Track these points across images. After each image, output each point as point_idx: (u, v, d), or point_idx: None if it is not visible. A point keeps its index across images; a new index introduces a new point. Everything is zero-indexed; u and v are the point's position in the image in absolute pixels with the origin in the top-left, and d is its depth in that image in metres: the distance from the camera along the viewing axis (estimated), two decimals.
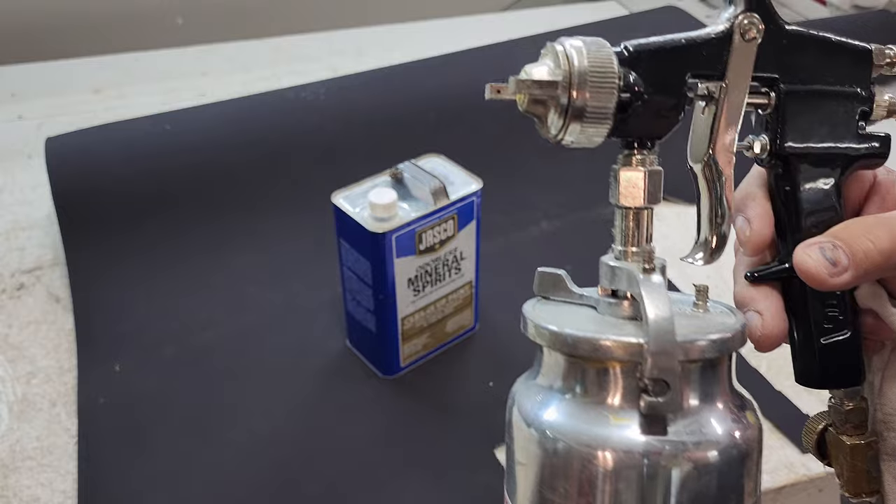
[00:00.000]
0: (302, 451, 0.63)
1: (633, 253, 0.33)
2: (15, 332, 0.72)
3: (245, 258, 0.80)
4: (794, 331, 0.36)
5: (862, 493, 0.36)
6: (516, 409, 0.33)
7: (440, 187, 0.62)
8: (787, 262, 0.34)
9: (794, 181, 0.34)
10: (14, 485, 0.59)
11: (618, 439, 0.29)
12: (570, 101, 0.30)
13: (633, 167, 0.32)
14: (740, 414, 0.32)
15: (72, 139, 0.85)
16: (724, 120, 0.33)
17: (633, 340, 0.30)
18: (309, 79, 0.93)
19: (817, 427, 0.37)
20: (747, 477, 0.31)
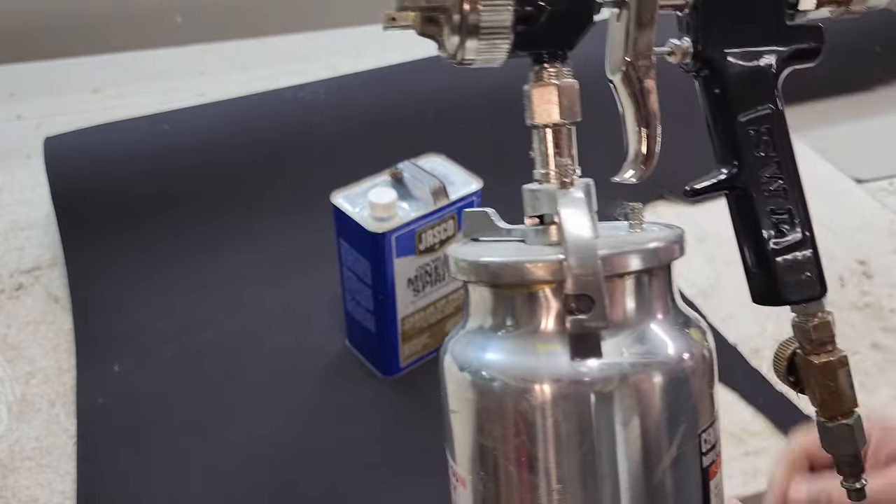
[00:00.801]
0: (302, 451, 0.63)
1: (549, 174, 0.31)
2: (14, 332, 0.72)
3: (244, 258, 0.79)
4: (745, 246, 0.33)
5: (838, 416, 0.34)
6: (448, 357, 0.30)
7: (440, 187, 0.62)
8: (728, 172, 0.33)
9: (722, 84, 0.32)
10: (13, 485, 0.59)
11: (547, 368, 0.28)
12: (463, 17, 0.28)
13: (545, 82, 0.30)
14: (683, 331, 0.30)
15: (70, 139, 0.84)
16: (637, 22, 0.30)
17: (552, 258, 0.28)
18: (308, 78, 0.93)
19: (786, 352, 0.35)
20: (697, 397, 0.29)
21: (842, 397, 0.34)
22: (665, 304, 0.30)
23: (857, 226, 0.86)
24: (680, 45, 0.32)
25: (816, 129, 1.02)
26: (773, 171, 0.33)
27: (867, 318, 0.74)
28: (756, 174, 0.32)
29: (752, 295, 0.34)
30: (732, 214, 0.33)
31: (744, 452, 0.62)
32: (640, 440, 0.28)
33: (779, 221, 0.33)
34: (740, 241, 0.34)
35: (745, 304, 0.75)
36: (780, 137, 0.33)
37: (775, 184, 0.33)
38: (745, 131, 0.32)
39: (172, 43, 1.17)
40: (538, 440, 0.28)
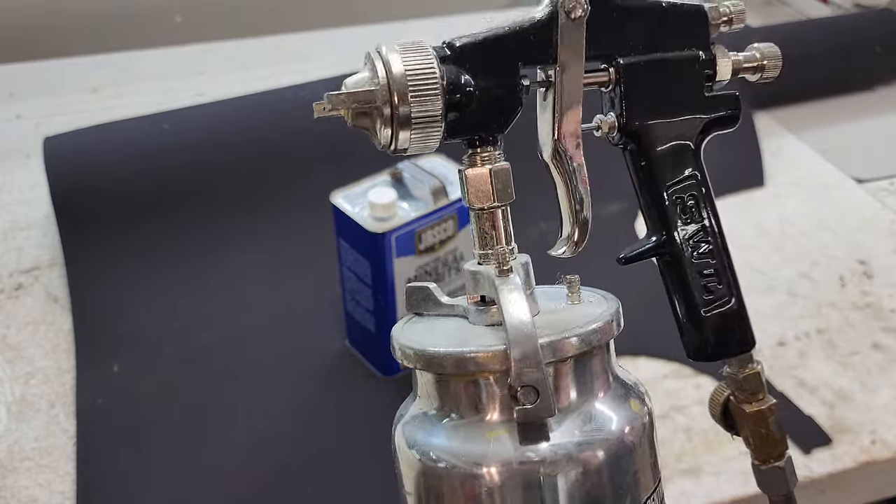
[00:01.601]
0: (302, 451, 0.63)
1: (491, 255, 0.31)
2: (13, 332, 0.72)
3: (244, 258, 0.79)
4: (678, 307, 0.35)
5: (770, 459, 0.36)
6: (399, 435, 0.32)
7: (440, 187, 0.62)
8: (657, 239, 0.34)
9: (648, 156, 0.33)
10: (12, 485, 0.59)
11: (497, 454, 0.28)
12: (393, 110, 0.29)
13: (479, 166, 0.31)
14: (625, 404, 0.31)
15: (70, 139, 0.84)
16: (564, 104, 0.31)
17: (497, 349, 0.28)
18: (308, 78, 0.93)
19: (720, 398, 0.37)
20: (640, 468, 0.30)
21: (773, 442, 0.36)
22: (607, 379, 0.31)
23: (858, 226, 0.86)
24: (606, 120, 0.33)
25: (816, 129, 1.02)
26: (700, 236, 0.34)
27: (868, 318, 0.74)
28: (684, 240, 0.34)
29: (687, 352, 0.35)
30: (664, 277, 0.35)
31: (744, 452, 0.62)
32: None
33: (707, 283, 0.34)
34: (672, 302, 0.35)
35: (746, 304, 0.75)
36: (705, 203, 0.34)
37: (702, 247, 0.34)
38: (672, 200, 0.33)
39: (172, 42, 1.17)
40: None
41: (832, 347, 0.71)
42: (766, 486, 0.37)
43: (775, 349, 0.71)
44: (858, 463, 0.61)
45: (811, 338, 0.72)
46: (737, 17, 0.34)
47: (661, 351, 0.68)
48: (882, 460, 0.62)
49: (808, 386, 0.67)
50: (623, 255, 0.34)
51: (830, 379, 0.68)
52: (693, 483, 0.59)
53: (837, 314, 0.75)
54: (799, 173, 0.94)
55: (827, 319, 0.74)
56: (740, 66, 0.34)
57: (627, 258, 0.34)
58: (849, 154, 0.98)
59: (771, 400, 0.36)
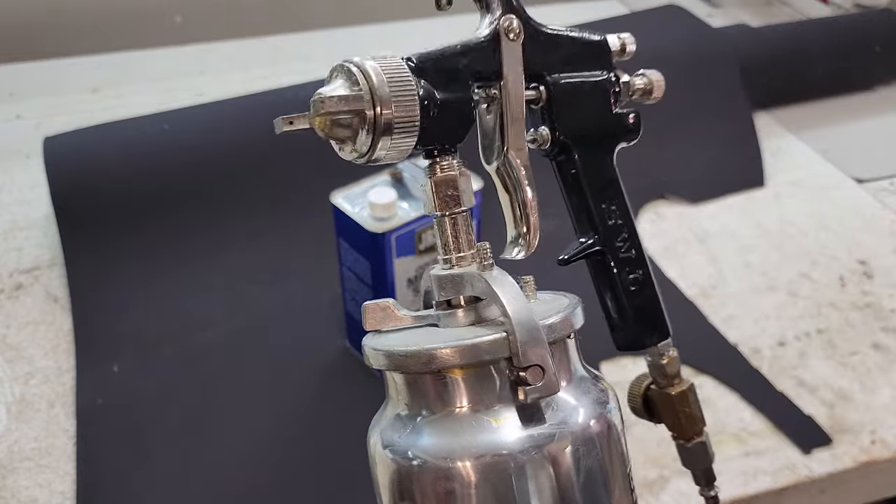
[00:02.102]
0: (302, 451, 0.63)
1: (464, 257, 0.33)
2: (13, 332, 0.72)
3: (244, 258, 0.79)
4: (608, 303, 0.38)
5: (693, 436, 0.40)
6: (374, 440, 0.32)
7: None
8: (588, 239, 0.37)
9: (575, 164, 0.37)
10: (12, 486, 0.59)
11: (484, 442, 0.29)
12: (377, 116, 0.30)
13: (443, 174, 0.33)
14: (595, 390, 0.32)
15: (70, 139, 0.84)
16: (510, 117, 0.34)
17: (497, 337, 0.29)
18: (308, 78, 0.93)
19: (639, 390, 0.40)
20: (613, 452, 0.31)
21: (695, 420, 0.40)
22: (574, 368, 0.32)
23: (858, 226, 0.86)
24: (541, 133, 0.36)
25: (816, 129, 1.02)
26: (623, 236, 0.38)
27: (868, 317, 0.74)
28: (611, 240, 0.37)
29: (618, 344, 0.39)
30: (593, 277, 0.38)
31: (744, 452, 0.62)
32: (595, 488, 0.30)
33: (632, 280, 0.38)
34: (602, 299, 0.39)
35: (745, 304, 0.76)
36: (623, 206, 0.38)
37: (625, 246, 0.38)
38: (599, 204, 0.37)
39: (172, 42, 1.17)
40: None
41: (832, 347, 0.71)
42: (691, 462, 0.41)
43: (775, 349, 0.71)
44: (858, 463, 0.61)
45: (811, 338, 0.72)
46: (628, 47, 0.38)
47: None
48: (882, 460, 0.62)
49: (808, 386, 0.67)
50: (562, 257, 0.37)
51: (830, 379, 0.68)
52: (693, 483, 0.59)
53: (837, 314, 0.75)
54: (799, 173, 0.95)
55: (827, 319, 0.74)
56: (636, 87, 0.38)
57: (566, 260, 0.37)
58: (849, 154, 0.98)
59: (688, 381, 0.40)
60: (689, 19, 1.10)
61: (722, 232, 0.85)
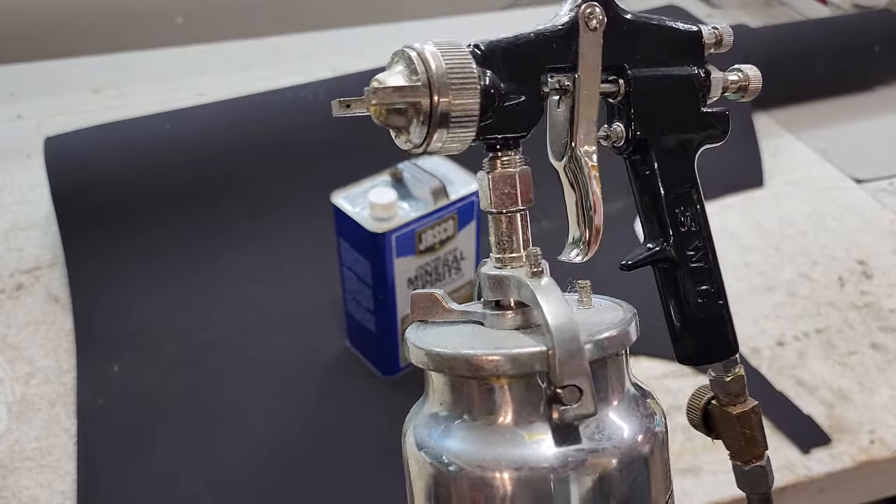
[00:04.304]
0: (302, 451, 0.63)
1: (516, 258, 0.31)
2: (14, 332, 0.72)
3: (245, 258, 0.80)
4: (673, 313, 0.36)
5: (752, 459, 0.37)
6: (410, 438, 0.31)
7: (440, 187, 0.62)
8: (656, 245, 0.35)
9: (651, 164, 0.35)
10: (13, 485, 0.59)
11: (525, 455, 0.28)
12: (434, 107, 0.29)
13: (502, 169, 0.31)
14: (644, 406, 0.31)
15: (71, 139, 0.84)
16: (582, 111, 0.32)
17: (536, 350, 0.28)
18: (308, 78, 0.93)
19: (700, 403, 0.38)
20: (654, 475, 0.30)
21: (755, 443, 0.37)
22: (624, 385, 0.31)
23: (857, 226, 0.86)
24: (615, 129, 0.34)
25: (816, 129, 1.02)
26: (696, 245, 0.35)
27: (867, 317, 0.74)
28: (682, 248, 0.35)
29: (679, 356, 0.36)
30: (659, 284, 0.36)
31: None
32: None
33: (701, 291, 0.35)
34: (666, 308, 0.36)
35: (745, 304, 0.76)
36: (701, 213, 0.35)
37: (697, 255, 0.35)
38: (671, 209, 0.35)
39: (173, 43, 1.18)
40: None
41: (831, 347, 0.71)
42: (747, 485, 0.38)
43: (774, 349, 0.71)
44: (857, 462, 0.61)
45: (810, 337, 0.72)
46: (725, 40, 0.35)
47: (661, 351, 0.68)
48: (881, 460, 0.62)
49: (807, 385, 0.68)
50: (625, 262, 0.35)
51: (829, 379, 0.68)
52: (693, 482, 0.60)
53: (836, 314, 0.75)
54: (798, 173, 0.95)
55: (826, 319, 0.74)
56: (728, 84, 0.36)
57: (630, 265, 0.35)
58: (848, 154, 0.98)
59: (753, 402, 0.37)
60: (688, 20, 1.10)
61: (721, 232, 0.85)
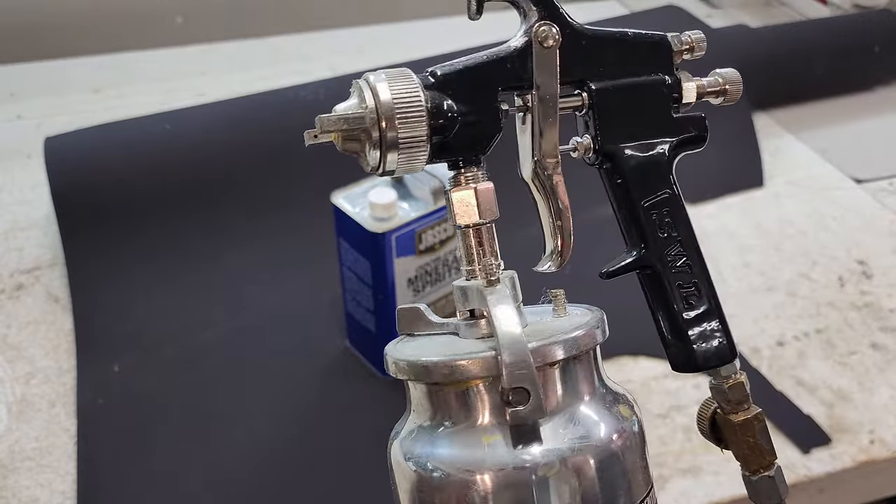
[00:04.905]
0: (302, 451, 0.63)
1: (479, 270, 0.33)
2: (14, 332, 0.72)
3: (245, 258, 0.79)
4: (661, 320, 0.36)
5: (760, 468, 0.37)
6: (396, 450, 0.32)
7: (440, 187, 0.62)
8: (637, 253, 0.35)
9: (623, 174, 0.35)
10: (13, 485, 0.59)
11: (492, 458, 0.29)
12: (382, 134, 0.30)
13: (463, 186, 0.32)
14: (613, 409, 0.32)
15: (71, 139, 0.84)
16: (541, 126, 0.33)
17: (486, 355, 0.29)
18: (308, 78, 0.93)
19: (707, 412, 0.37)
20: (632, 471, 0.31)
21: (761, 451, 0.36)
22: (593, 386, 0.32)
23: (857, 226, 0.86)
24: (581, 142, 0.34)
25: (816, 129, 1.02)
26: (677, 250, 0.35)
27: (867, 317, 0.74)
28: (662, 253, 0.35)
29: (671, 364, 0.36)
30: (645, 291, 0.36)
31: None
32: None
33: (687, 295, 0.35)
34: (655, 315, 0.36)
35: (745, 304, 0.76)
36: (680, 217, 0.35)
37: (680, 260, 0.35)
38: (648, 215, 0.35)
39: (173, 43, 1.18)
40: None
41: (831, 347, 0.71)
42: (757, 497, 0.38)
43: (774, 349, 0.71)
44: (857, 462, 0.61)
45: (810, 338, 0.72)
46: (697, 46, 0.35)
47: (661, 351, 0.67)
48: (881, 460, 0.62)
49: (807, 386, 0.68)
50: (605, 270, 0.35)
51: (829, 379, 0.68)
52: (692, 482, 0.60)
53: (836, 314, 0.75)
54: (798, 173, 0.95)
55: (826, 319, 0.74)
56: (704, 90, 0.36)
57: (609, 273, 0.35)
58: (848, 154, 0.98)
59: (756, 409, 0.36)
60: (688, 20, 1.10)
61: (721, 232, 0.85)
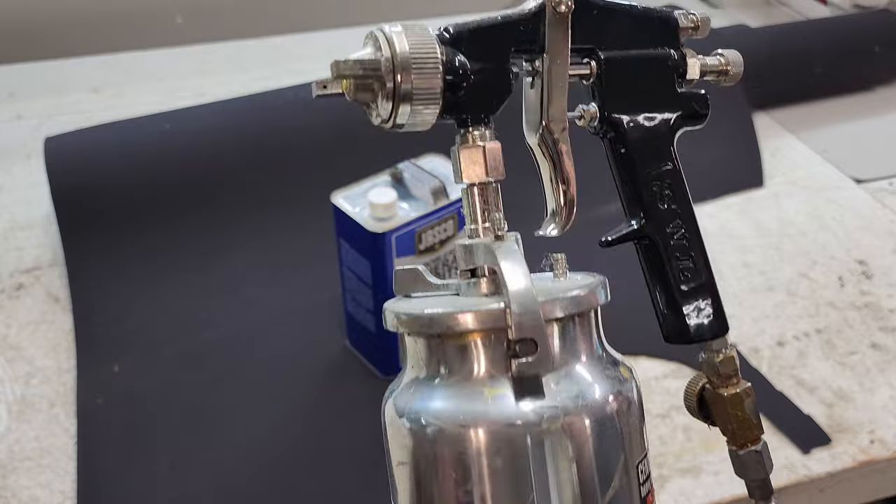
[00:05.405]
0: (302, 451, 0.63)
1: (485, 228, 0.32)
2: (14, 332, 0.72)
3: (245, 258, 0.80)
4: (656, 291, 0.36)
5: (748, 443, 0.37)
6: (389, 407, 0.32)
7: (440, 187, 0.62)
8: (636, 223, 0.35)
9: (626, 144, 0.35)
10: (13, 485, 0.59)
11: (496, 412, 0.29)
12: (396, 84, 0.30)
13: (471, 144, 0.32)
14: (614, 371, 0.32)
15: (71, 139, 0.84)
16: (550, 91, 0.33)
17: (493, 306, 0.29)
18: (308, 78, 0.93)
19: (695, 389, 0.38)
20: (631, 432, 0.31)
21: (749, 426, 0.37)
22: (593, 346, 0.32)
23: (857, 226, 0.86)
24: (588, 110, 0.35)
25: (816, 129, 1.02)
26: (676, 223, 0.36)
27: (866, 317, 0.74)
28: (661, 225, 0.35)
29: (664, 335, 0.37)
30: (641, 262, 0.36)
31: None
32: (585, 475, 0.29)
33: (684, 268, 0.36)
34: (650, 286, 0.36)
35: (745, 304, 0.76)
36: (680, 192, 0.36)
37: (678, 233, 0.36)
38: (649, 186, 0.35)
39: (173, 43, 1.18)
40: (483, 481, 0.29)
41: (831, 347, 0.71)
42: (743, 471, 0.38)
43: (774, 349, 0.71)
44: (857, 462, 0.61)
45: (810, 337, 0.72)
46: (703, 26, 0.36)
47: (661, 351, 0.68)
48: (881, 460, 0.62)
49: (807, 386, 0.68)
50: (604, 239, 0.35)
51: (829, 379, 0.68)
52: (692, 482, 0.60)
53: (836, 314, 0.75)
54: (798, 173, 0.95)
55: (826, 319, 0.74)
56: (707, 68, 0.37)
57: (609, 242, 0.35)
58: (848, 154, 0.98)
59: (746, 383, 0.37)
60: None
61: (721, 232, 0.85)
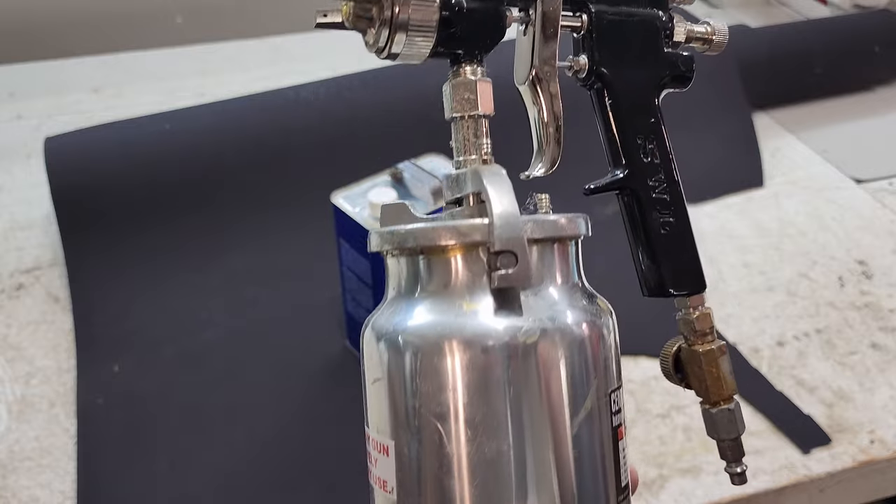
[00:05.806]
0: (302, 451, 0.63)
1: (473, 159, 0.33)
2: (14, 332, 0.72)
3: (245, 258, 0.80)
4: (637, 242, 0.37)
5: (720, 401, 0.38)
6: (367, 331, 0.32)
7: (440, 187, 0.62)
8: (620, 172, 0.36)
9: (613, 94, 0.36)
10: (13, 485, 0.59)
11: (472, 324, 0.29)
12: (394, 13, 0.31)
13: (462, 78, 0.33)
14: (593, 299, 0.32)
15: (71, 139, 0.84)
16: (542, 36, 0.34)
17: (475, 221, 0.30)
18: (308, 78, 0.93)
19: (671, 350, 0.38)
20: (607, 358, 0.31)
21: (723, 383, 0.37)
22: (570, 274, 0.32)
23: (857, 226, 0.86)
24: (577, 60, 0.36)
25: (816, 129, 1.02)
26: (658, 176, 0.37)
27: (866, 317, 0.74)
28: (643, 178, 0.36)
29: (644, 288, 0.37)
30: (623, 215, 0.37)
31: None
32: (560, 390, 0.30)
33: (664, 222, 0.37)
34: (630, 238, 0.37)
35: (745, 304, 0.76)
36: (663, 148, 0.37)
37: (660, 187, 0.37)
38: (633, 139, 0.36)
39: (173, 43, 1.18)
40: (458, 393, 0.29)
41: (831, 347, 0.71)
42: (715, 430, 0.38)
43: (774, 349, 0.71)
44: (857, 462, 0.61)
45: (810, 337, 0.72)
46: None
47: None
48: (881, 460, 0.62)
49: (807, 386, 0.68)
50: (588, 186, 0.36)
51: (829, 379, 0.68)
52: (692, 482, 0.60)
53: (836, 314, 0.75)
54: (798, 173, 0.95)
55: (826, 319, 0.74)
56: (693, 34, 0.38)
57: (592, 190, 0.36)
58: (848, 154, 0.98)
59: (720, 342, 0.38)
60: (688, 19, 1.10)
61: (721, 232, 0.85)
